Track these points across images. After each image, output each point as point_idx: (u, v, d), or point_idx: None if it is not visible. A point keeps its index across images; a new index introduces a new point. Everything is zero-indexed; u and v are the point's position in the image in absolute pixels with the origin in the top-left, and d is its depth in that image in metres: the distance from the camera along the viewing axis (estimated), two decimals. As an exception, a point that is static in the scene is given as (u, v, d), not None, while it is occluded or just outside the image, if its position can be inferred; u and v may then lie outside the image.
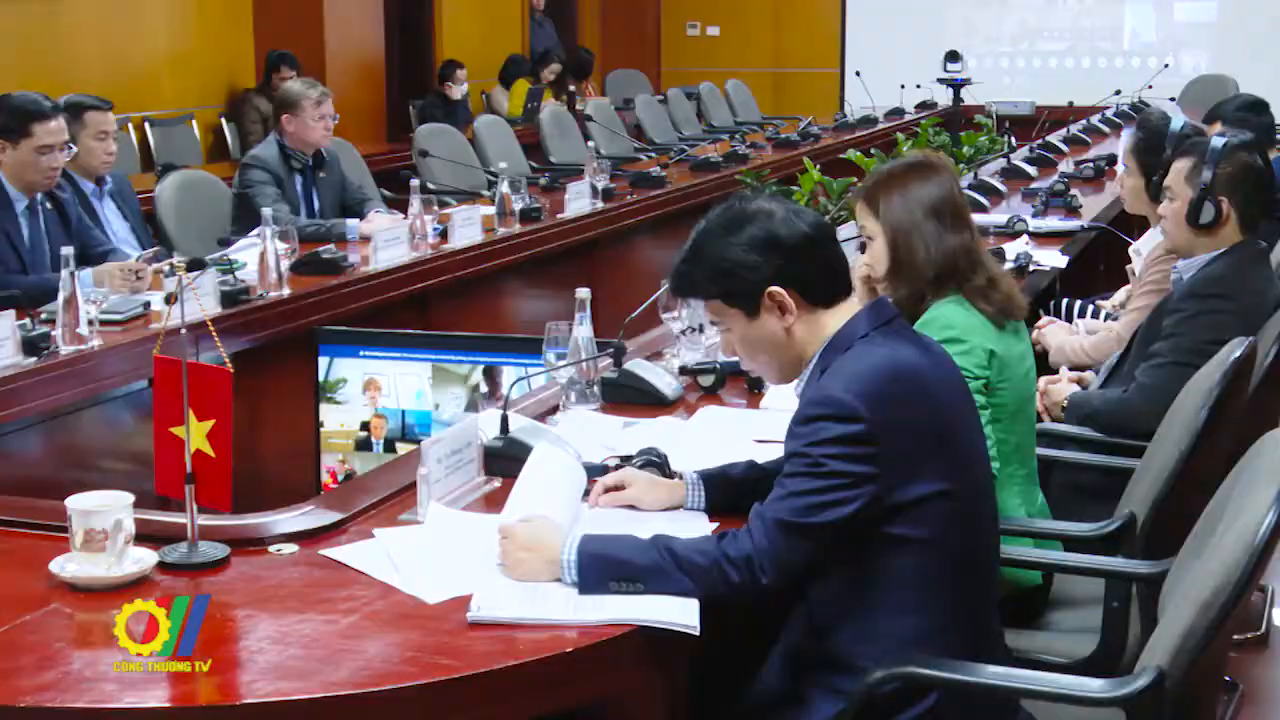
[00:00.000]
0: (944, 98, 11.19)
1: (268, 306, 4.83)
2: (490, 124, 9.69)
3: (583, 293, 3.48)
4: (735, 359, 2.72)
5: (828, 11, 15.14)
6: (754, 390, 3.58)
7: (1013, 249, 5.36)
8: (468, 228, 5.97)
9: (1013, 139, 8.75)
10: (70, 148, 5.12)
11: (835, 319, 2.58)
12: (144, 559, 2.46)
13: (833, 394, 2.42)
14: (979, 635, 2.55)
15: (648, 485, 2.79)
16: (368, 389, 4.22)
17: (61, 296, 4.08)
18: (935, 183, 3.19)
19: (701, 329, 3.78)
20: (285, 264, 4.99)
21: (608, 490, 2.78)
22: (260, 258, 4.89)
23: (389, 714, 2.14)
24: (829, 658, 2.49)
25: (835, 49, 14.95)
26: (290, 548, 2.61)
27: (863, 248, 3.32)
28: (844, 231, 4.24)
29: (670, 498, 2.78)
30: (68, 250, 4.08)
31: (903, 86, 11.95)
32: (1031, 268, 5.27)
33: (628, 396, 3.49)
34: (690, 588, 2.36)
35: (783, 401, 3.19)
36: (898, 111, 11.79)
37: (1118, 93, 10.98)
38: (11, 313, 4.06)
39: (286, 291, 4.92)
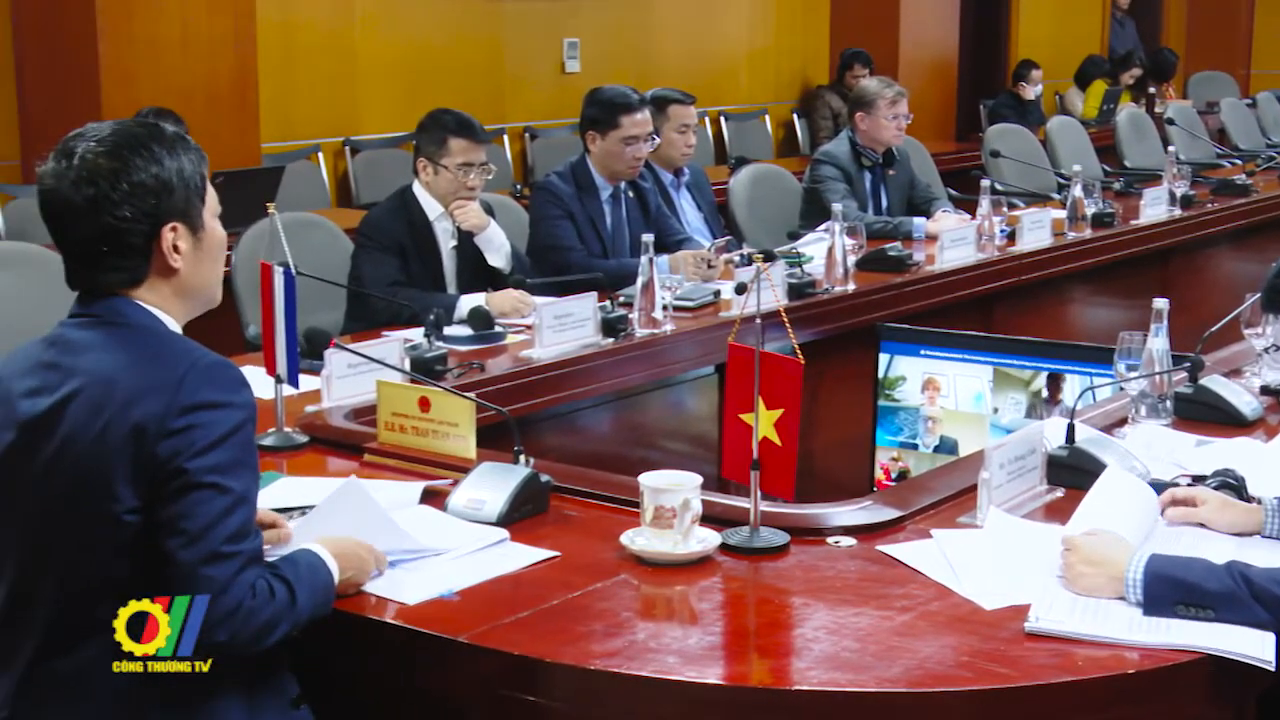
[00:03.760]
0: None
1: (832, 301, 4.88)
2: (1063, 125, 9.46)
3: (1160, 303, 3.34)
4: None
5: None
6: (1344, 416, 3.35)
7: None
8: (1037, 230, 5.86)
9: None
10: (654, 139, 5.33)
11: None
12: (708, 539, 2.53)
13: None
14: None
15: (1221, 506, 2.64)
16: (926, 388, 4.21)
17: (640, 281, 4.26)
18: None
19: (1287, 347, 3.56)
20: (852, 260, 5.05)
21: (1176, 503, 2.66)
22: (828, 252, 4.96)
23: (939, 716, 2.12)
24: None
25: None
26: (848, 540, 2.62)
27: None
28: None
29: (1246, 522, 2.62)
30: (648, 237, 4.25)
31: None
32: None
33: (1202, 414, 3.33)
34: (1266, 620, 2.22)
35: (1378, 430, 2.97)
36: None
37: None
38: (594, 295, 4.28)
39: (851, 287, 4.97)
